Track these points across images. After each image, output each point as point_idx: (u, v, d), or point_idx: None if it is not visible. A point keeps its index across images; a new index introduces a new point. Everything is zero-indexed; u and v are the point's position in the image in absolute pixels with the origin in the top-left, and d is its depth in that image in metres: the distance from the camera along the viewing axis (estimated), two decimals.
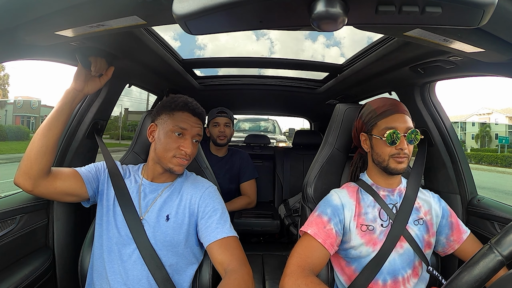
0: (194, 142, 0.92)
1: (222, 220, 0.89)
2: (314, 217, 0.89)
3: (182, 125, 0.90)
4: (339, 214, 0.87)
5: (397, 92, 1.39)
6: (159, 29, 1.11)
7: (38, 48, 0.77)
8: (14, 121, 21.18)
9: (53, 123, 0.83)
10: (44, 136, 0.82)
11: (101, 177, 0.94)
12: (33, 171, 0.80)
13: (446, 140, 1.18)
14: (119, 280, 0.84)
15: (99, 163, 0.98)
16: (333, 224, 0.86)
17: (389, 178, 0.92)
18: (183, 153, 0.89)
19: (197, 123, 0.93)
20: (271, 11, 0.44)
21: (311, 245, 0.84)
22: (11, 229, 0.92)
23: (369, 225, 0.88)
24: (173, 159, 0.89)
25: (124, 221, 0.87)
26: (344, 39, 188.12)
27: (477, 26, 0.45)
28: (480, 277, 0.49)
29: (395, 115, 0.88)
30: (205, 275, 0.96)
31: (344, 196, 0.91)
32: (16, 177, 0.82)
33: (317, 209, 0.91)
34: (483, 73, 0.91)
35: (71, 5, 0.54)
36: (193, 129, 0.91)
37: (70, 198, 0.90)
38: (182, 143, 0.89)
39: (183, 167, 0.91)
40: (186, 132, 0.90)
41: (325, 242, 0.83)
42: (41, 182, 0.82)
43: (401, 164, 0.86)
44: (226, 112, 1.90)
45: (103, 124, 1.25)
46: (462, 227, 0.93)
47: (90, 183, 0.91)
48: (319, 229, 0.85)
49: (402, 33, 0.63)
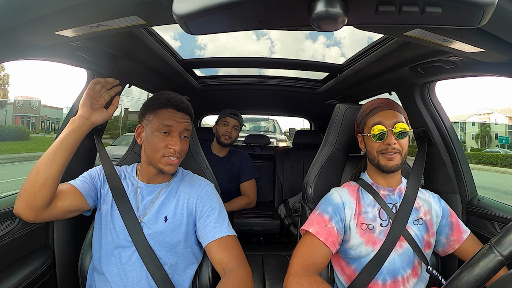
0: (183, 138, 0.90)
1: (220, 219, 0.89)
2: (315, 216, 0.89)
3: (167, 122, 0.87)
4: (340, 213, 0.87)
5: (397, 92, 1.39)
6: (159, 29, 1.11)
7: (38, 48, 0.77)
8: (14, 121, 21.17)
9: (58, 153, 0.78)
10: (48, 167, 0.77)
11: (98, 183, 0.92)
12: (36, 203, 0.76)
13: (446, 140, 1.18)
14: (119, 282, 0.84)
15: (93, 169, 0.96)
16: (334, 222, 0.86)
17: (388, 177, 0.92)
18: (171, 151, 0.86)
19: (183, 118, 0.90)
20: (271, 11, 0.44)
21: (313, 244, 0.84)
22: (11, 229, 0.92)
23: (369, 224, 0.88)
24: (162, 159, 0.87)
25: (123, 224, 0.87)
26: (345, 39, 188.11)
27: (477, 26, 0.45)
28: (480, 277, 0.49)
29: (382, 111, 0.89)
30: (205, 275, 0.96)
31: (344, 194, 0.91)
32: (18, 208, 0.77)
33: (318, 207, 0.91)
34: (483, 73, 0.91)
35: (71, 5, 0.54)
36: (180, 124, 0.88)
37: (72, 214, 0.87)
38: (170, 141, 0.87)
39: (174, 166, 0.88)
40: (173, 129, 0.87)
41: (327, 241, 0.83)
42: (44, 212, 0.78)
43: (391, 161, 0.86)
44: (238, 115, 1.92)
45: (103, 124, 1.25)
46: (462, 227, 0.93)
47: (89, 194, 0.88)
48: (321, 227, 0.85)
49: (402, 33, 0.63)
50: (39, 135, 18.65)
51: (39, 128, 21.01)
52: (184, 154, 0.91)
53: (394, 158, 0.86)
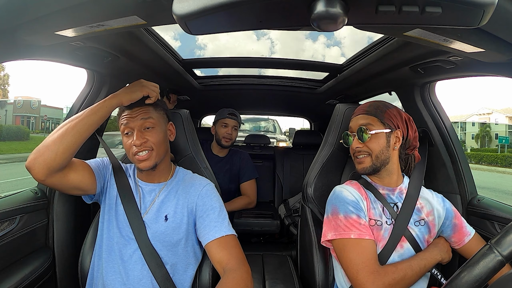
0: (146, 130, 0.87)
1: (220, 219, 0.89)
2: (342, 221, 0.84)
3: (123, 121, 0.87)
4: (360, 208, 0.86)
5: (397, 92, 1.39)
6: (159, 29, 1.11)
7: (38, 48, 0.77)
8: (14, 121, 21.20)
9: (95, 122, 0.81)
10: (80, 135, 0.79)
11: (106, 174, 0.93)
12: (55, 163, 0.76)
13: (446, 140, 1.18)
14: (119, 280, 0.84)
15: (103, 158, 0.97)
16: (363, 217, 0.85)
17: (381, 178, 0.92)
18: (134, 148, 0.86)
19: (137, 112, 0.87)
20: (271, 11, 0.44)
21: (363, 246, 0.81)
22: (11, 229, 0.92)
23: (377, 220, 0.87)
24: (134, 158, 0.87)
25: (126, 220, 0.87)
26: (345, 38, 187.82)
27: (477, 26, 0.45)
28: (480, 277, 0.49)
29: (355, 117, 0.95)
30: (205, 275, 0.96)
31: (353, 191, 0.90)
32: (32, 163, 0.76)
33: (338, 210, 0.86)
34: (483, 73, 0.91)
35: (71, 5, 0.54)
36: (135, 120, 0.87)
37: (77, 192, 0.88)
38: (131, 139, 0.86)
39: (146, 161, 0.87)
40: (130, 127, 0.87)
41: (371, 236, 0.83)
42: (56, 174, 0.78)
43: (360, 164, 0.91)
44: (236, 115, 1.90)
45: (103, 124, 1.25)
46: (465, 229, 0.92)
47: (99, 178, 0.90)
48: (359, 228, 0.82)
49: (402, 33, 0.63)
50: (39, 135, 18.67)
51: (39, 128, 21.06)
52: (157, 144, 0.88)
53: (363, 161, 0.90)
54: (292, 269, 1.23)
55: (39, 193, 1.06)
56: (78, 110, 1.14)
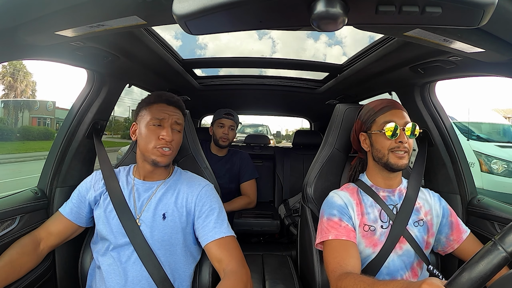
0: (174, 131, 0.91)
1: (219, 220, 0.89)
2: (324, 224, 0.87)
3: (159, 115, 0.90)
4: (346, 212, 0.87)
5: (397, 92, 1.39)
6: (159, 29, 1.11)
7: (38, 48, 0.77)
8: (30, 122, 21.57)
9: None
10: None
11: (88, 195, 0.94)
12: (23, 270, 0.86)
13: (446, 140, 1.18)
14: (118, 281, 0.84)
15: (83, 183, 0.98)
16: (345, 220, 0.86)
17: (389, 178, 0.92)
18: (163, 141, 0.88)
19: (174, 111, 0.92)
20: (271, 11, 0.44)
21: (339, 247, 0.82)
22: (11, 229, 0.91)
23: (370, 225, 0.87)
24: (154, 150, 0.88)
25: (120, 225, 0.87)
26: (346, 38, 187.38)
27: (477, 26, 0.45)
28: (484, 273, 0.49)
29: (393, 110, 0.89)
30: (205, 275, 0.96)
31: (344, 196, 0.91)
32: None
33: (323, 214, 0.90)
34: (483, 73, 0.91)
35: (71, 5, 0.54)
36: (171, 117, 0.91)
37: (71, 237, 0.96)
38: (161, 132, 0.88)
39: (167, 157, 0.89)
40: (164, 122, 0.90)
41: (349, 237, 0.83)
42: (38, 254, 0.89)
43: (401, 159, 0.86)
44: (233, 115, 1.90)
45: (103, 124, 1.25)
46: (461, 226, 0.93)
47: (79, 217, 0.94)
48: (337, 229, 0.84)
49: (402, 33, 0.63)
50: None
51: (54, 129, 21.49)
52: (177, 148, 0.93)
53: (404, 157, 0.87)
54: (292, 269, 1.23)
55: (39, 193, 1.06)
56: (78, 110, 1.14)
